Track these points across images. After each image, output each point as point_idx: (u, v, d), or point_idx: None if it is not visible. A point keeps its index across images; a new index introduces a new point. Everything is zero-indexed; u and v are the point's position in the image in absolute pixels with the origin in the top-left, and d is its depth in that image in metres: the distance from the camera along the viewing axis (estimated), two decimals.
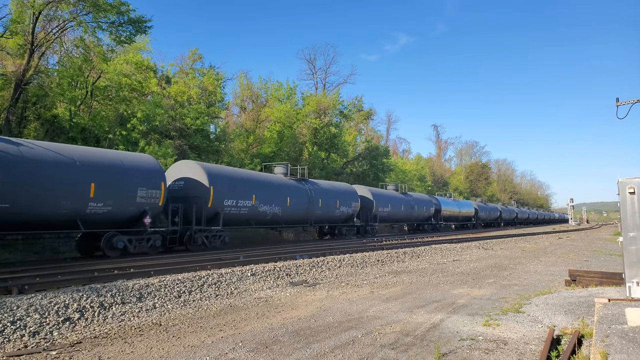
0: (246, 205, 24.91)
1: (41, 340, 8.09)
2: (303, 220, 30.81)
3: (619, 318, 7.74)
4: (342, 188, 36.02)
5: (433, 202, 50.44)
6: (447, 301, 11.53)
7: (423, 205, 47.26)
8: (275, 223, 28.45)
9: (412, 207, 44.51)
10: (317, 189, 31.99)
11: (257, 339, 8.09)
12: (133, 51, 35.42)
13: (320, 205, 31.57)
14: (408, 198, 44.62)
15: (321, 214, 32.13)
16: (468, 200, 74.02)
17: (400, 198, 43.49)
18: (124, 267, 14.26)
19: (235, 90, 54.76)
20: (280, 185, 28.73)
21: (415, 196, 46.03)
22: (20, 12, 25.04)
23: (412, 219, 46.52)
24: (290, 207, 28.58)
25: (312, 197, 30.92)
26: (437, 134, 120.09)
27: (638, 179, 9.74)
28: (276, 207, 27.50)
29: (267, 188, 27.09)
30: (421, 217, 47.69)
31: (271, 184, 28.01)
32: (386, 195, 41.47)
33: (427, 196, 50.58)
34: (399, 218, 43.85)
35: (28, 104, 26.12)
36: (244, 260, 16.86)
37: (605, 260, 22.17)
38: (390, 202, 41.02)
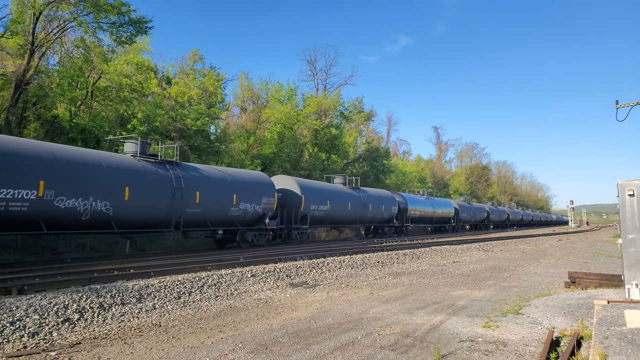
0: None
1: (40, 340, 8.09)
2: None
3: (618, 320, 7.75)
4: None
5: (396, 200, 42.53)
6: (447, 303, 11.53)
7: (381, 203, 39.38)
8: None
9: (364, 206, 36.37)
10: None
11: (257, 340, 8.10)
12: (133, 52, 35.42)
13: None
14: (360, 194, 36.72)
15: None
16: (447, 199, 64.97)
17: (347, 194, 35.35)
18: (123, 268, 14.26)
19: (235, 91, 54.94)
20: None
21: (371, 192, 38.91)
22: (21, 12, 25.05)
23: (366, 220, 37.68)
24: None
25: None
26: (438, 135, 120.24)
27: (637, 181, 9.75)
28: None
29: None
30: (379, 217, 39.48)
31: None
32: (323, 190, 32.63)
33: (388, 192, 43.37)
34: (343, 219, 34.73)
35: (28, 104, 26.13)
36: (244, 262, 16.86)
37: (605, 262, 22.18)
38: (329, 198, 32.13)
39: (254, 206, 25.58)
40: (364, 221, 37.31)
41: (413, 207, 46.34)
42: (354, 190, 36.62)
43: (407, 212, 44.65)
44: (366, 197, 37.04)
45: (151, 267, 14.78)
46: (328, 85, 65.47)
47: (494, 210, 75.77)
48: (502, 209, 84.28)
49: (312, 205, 29.84)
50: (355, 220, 36.27)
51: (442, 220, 54.59)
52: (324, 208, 31.04)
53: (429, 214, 49.96)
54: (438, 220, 53.14)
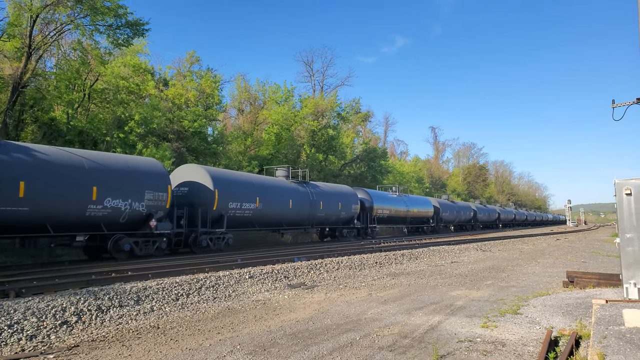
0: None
1: (38, 343, 8.07)
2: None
3: (616, 319, 7.76)
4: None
5: (358, 197, 36.50)
6: (445, 303, 11.54)
7: (336, 200, 33.14)
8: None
9: (313, 204, 30.40)
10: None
11: (255, 341, 8.09)
12: (131, 54, 35.35)
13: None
14: (308, 189, 30.68)
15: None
16: (427, 197, 58.40)
17: (289, 189, 29.04)
18: (121, 270, 14.23)
19: (233, 92, 54.75)
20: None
21: (323, 188, 32.86)
22: (18, 15, 25.01)
23: (316, 221, 31.40)
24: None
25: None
26: (435, 135, 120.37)
27: (634, 180, 9.77)
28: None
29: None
30: (334, 218, 33.31)
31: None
32: (249, 183, 25.98)
33: (347, 188, 36.90)
34: (282, 220, 28.35)
35: (25, 107, 26.07)
36: (242, 263, 16.85)
37: (603, 262, 22.21)
38: (260, 194, 25.87)
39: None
40: (314, 222, 31.17)
41: (380, 205, 40.32)
42: (299, 184, 30.51)
43: (373, 211, 38.79)
44: (316, 194, 31.10)
45: (149, 269, 14.75)
46: (325, 86, 65.54)
47: (482, 209, 70.39)
48: (492, 207, 79.35)
49: (233, 202, 23.68)
50: (301, 222, 30.12)
51: (419, 220, 48.62)
52: (250, 206, 24.78)
53: (402, 214, 44.12)
54: (413, 220, 47.36)
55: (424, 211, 48.85)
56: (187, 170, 23.93)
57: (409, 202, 46.01)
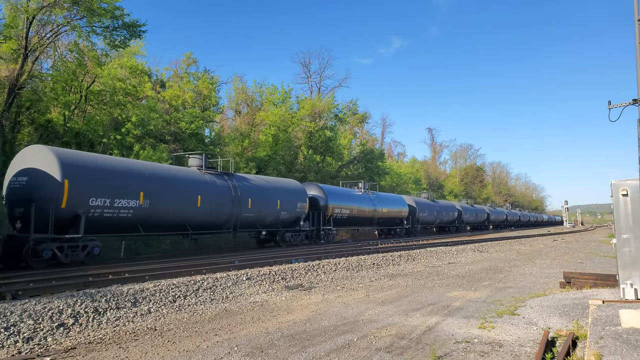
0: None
1: (35, 346, 8.05)
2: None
3: (613, 319, 7.77)
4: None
5: (306, 195, 30.31)
6: (442, 304, 11.55)
7: (274, 197, 27.03)
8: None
9: (237, 201, 24.19)
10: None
11: (253, 343, 8.08)
12: (127, 55, 35.32)
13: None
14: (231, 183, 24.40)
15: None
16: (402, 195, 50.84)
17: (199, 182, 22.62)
18: (118, 272, 14.21)
19: (230, 94, 54.77)
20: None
21: (256, 182, 26.72)
22: (14, 16, 24.97)
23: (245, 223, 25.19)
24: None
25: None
26: (432, 137, 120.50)
27: (630, 181, 9.79)
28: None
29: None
30: (270, 219, 27.17)
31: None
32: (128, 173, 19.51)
33: (292, 183, 30.69)
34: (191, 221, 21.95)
35: (22, 109, 26.03)
36: (240, 264, 16.85)
37: (600, 262, 22.26)
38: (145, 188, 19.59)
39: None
40: (239, 224, 24.41)
41: (338, 203, 33.84)
42: (218, 176, 23.99)
43: (329, 211, 32.55)
44: (243, 188, 24.69)
45: (146, 271, 14.74)
46: (322, 87, 65.56)
47: (469, 209, 65.24)
48: (480, 207, 74.47)
49: (97, 198, 17.54)
50: (217, 224, 23.65)
51: (390, 221, 42.83)
52: (128, 204, 18.64)
53: (367, 213, 37.98)
54: (383, 222, 41.49)
55: (396, 211, 42.92)
56: (29, 153, 17.57)
57: (377, 200, 39.85)
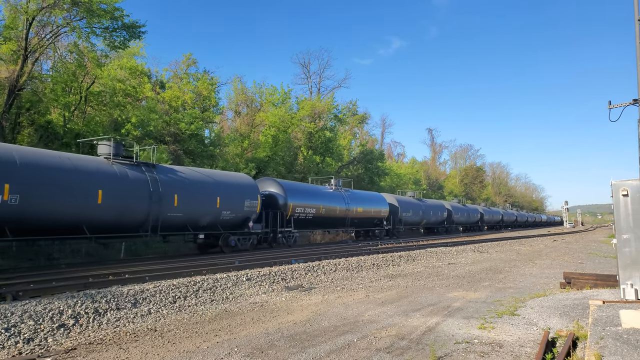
0: None
1: (35, 346, 8.05)
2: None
3: (613, 320, 7.77)
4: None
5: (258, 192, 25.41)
6: (442, 304, 11.54)
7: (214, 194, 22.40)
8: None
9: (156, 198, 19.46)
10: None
11: (253, 343, 8.08)
12: (127, 56, 35.34)
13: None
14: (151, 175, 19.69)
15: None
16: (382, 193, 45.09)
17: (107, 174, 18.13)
18: (118, 273, 14.21)
19: (229, 94, 54.82)
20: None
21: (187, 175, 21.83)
22: (14, 17, 25.00)
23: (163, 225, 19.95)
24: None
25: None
26: (432, 137, 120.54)
27: (631, 181, 9.79)
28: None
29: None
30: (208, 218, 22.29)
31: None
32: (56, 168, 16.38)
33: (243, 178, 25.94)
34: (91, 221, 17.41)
35: (22, 110, 26.04)
36: (240, 265, 16.85)
37: (600, 263, 22.26)
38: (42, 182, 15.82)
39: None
40: (164, 226, 19.82)
41: (300, 202, 29.29)
42: (133, 167, 19.27)
43: (289, 210, 28.08)
44: (168, 183, 20.06)
45: (146, 271, 14.73)
46: (322, 88, 65.53)
47: (460, 209, 61.34)
48: (473, 207, 70.85)
49: None
50: (129, 225, 18.86)
51: (367, 222, 38.51)
52: None
53: (339, 213, 33.43)
54: (359, 222, 36.92)
55: (374, 210, 38.64)
56: None
57: (351, 198, 35.28)
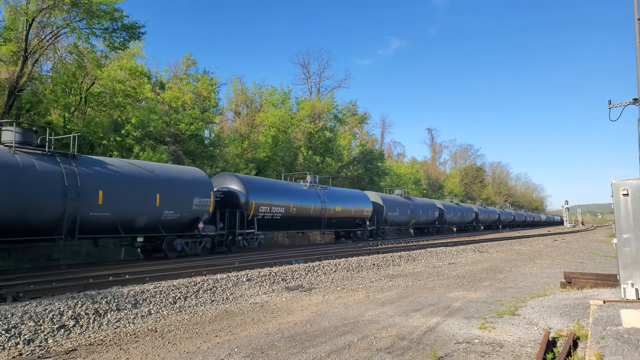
0: None
1: (36, 347, 8.05)
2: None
3: (614, 319, 7.77)
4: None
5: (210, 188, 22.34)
6: (443, 304, 11.54)
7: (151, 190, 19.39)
8: None
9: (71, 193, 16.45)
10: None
11: (253, 344, 8.08)
12: (127, 57, 35.36)
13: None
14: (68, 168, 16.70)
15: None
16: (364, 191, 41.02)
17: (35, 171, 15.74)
18: (118, 274, 14.21)
19: (229, 95, 54.84)
20: None
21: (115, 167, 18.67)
22: (14, 19, 24.99)
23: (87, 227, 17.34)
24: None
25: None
26: (432, 137, 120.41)
27: (631, 181, 9.78)
28: None
29: None
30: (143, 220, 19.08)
31: None
32: None
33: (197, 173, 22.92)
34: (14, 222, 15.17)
35: (22, 111, 26.05)
36: (240, 266, 16.85)
37: (600, 262, 22.26)
38: None
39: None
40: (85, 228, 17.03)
41: (265, 200, 26.25)
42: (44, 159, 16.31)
43: (251, 210, 25.13)
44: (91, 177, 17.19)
45: (146, 272, 14.73)
46: (322, 88, 65.48)
47: (453, 208, 58.92)
48: (468, 206, 67.77)
49: None
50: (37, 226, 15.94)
51: (348, 222, 35.24)
52: None
53: (313, 213, 30.13)
54: (337, 222, 33.74)
55: (355, 210, 35.52)
56: None
57: (328, 196, 32.26)
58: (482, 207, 77.17)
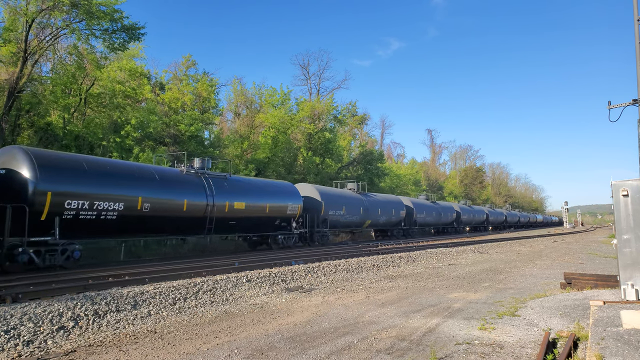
0: None
1: (35, 349, 8.03)
2: None
3: (614, 320, 7.76)
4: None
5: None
6: (443, 305, 11.52)
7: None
8: None
9: None
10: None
11: (253, 345, 8.06)
12: (126, 58, 35.39)
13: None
14: None
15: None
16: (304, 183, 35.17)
17: None
18: (118, 275, 14.19)
19: (229, 96, 54.84)
20: None
21: None
22: (13, 20, 25.00)
23: None
24: None
25: None
26: (432, 138, 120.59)
27: (631, 182, 9.77)
28: None
29: None
30: None
31: None
32: None
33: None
34: None
35: (21, 112, 26.04)
36: (239, 267, 16.83)
37: (600, 263, 22.23)
38: None
39: None
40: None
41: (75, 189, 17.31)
42: None
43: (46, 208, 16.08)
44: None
45: (146, 273, 14.72)
46: (321, 89, 65.43)
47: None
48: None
49: None
50: None
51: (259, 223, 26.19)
52: None
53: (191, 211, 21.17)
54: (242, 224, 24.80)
55: (273, 206, 26.70)
56: None
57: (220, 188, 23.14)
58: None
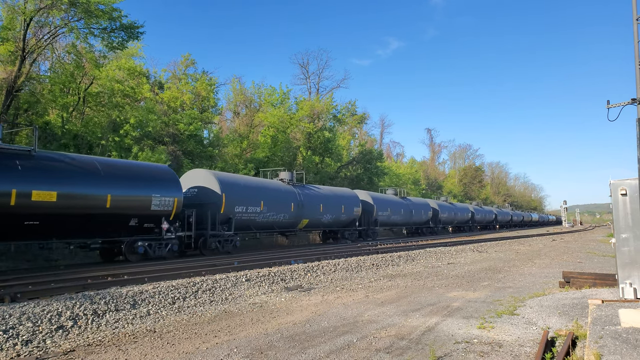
0: None
1: (34, 348, 8.03)
2: None
3: (612, 319, 7.77)
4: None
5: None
6: (442, 304, 11.53)
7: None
8: None
9: None
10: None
11: (252, 344, 8.07)
12: (125, 57, 35.32)
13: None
14: None
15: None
16: None
17: None
18: (117, 274, 14.18)
19: (228, 95, 54.86)
20: None
21: None
22: (11, 18, 24.95)
23: None
24: None
25: None
26: (431, 137, 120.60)
27: (630, 181, 9.78)
28: None
29: None
30: None
31: None
32: None
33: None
34: None
35: (20, 111, 26.00)
36: (239, 266, 16.82)
37: (599, 262, 22.25)
38: None
39: None
40: None
41: None
42: None
43: None
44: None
45: (145, 272, 14.70)
46: (321, 88, 65.34)
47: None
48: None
49: None
50: None
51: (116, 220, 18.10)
52: None
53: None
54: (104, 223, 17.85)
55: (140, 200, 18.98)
56: None
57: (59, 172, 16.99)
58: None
